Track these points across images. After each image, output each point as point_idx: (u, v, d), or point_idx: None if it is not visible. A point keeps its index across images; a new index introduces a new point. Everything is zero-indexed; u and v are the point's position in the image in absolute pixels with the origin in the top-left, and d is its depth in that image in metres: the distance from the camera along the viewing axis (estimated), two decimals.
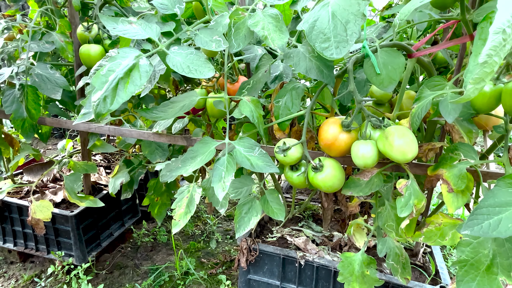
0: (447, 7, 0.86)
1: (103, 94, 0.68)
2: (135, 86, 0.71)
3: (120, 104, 0.68)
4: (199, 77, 0.75)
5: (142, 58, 0.75)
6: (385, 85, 0.78)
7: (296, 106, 0.88)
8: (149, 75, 0.71)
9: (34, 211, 1.37)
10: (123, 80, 0.71)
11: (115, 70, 0.71)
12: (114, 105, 0.69)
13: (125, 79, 0.71)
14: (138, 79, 0.72)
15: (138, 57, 0.74)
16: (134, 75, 0.72)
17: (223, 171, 0.82)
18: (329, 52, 0.71)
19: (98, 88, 0.69)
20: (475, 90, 0.48)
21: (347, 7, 0.72)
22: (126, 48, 0.74)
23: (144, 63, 0.74)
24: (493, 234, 0.61)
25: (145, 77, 0.73)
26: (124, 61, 0.73)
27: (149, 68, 0.74)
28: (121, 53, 0.74)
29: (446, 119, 0.71)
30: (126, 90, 0.70)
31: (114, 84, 0.69)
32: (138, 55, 0.74)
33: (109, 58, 0.73)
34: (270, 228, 1.53)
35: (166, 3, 0.86)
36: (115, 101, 0.69)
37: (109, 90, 0.69)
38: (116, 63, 0.72)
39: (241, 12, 0.87)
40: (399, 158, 0.73)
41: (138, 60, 0.74)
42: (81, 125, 1.32)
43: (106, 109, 0.68)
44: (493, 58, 0.47)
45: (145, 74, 0.73)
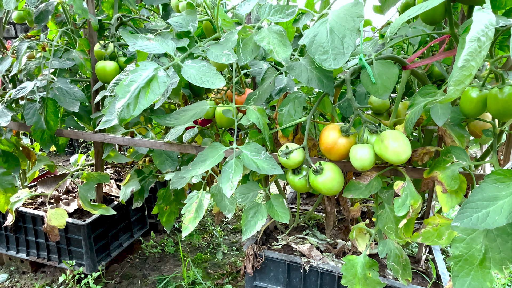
0: (437, 22, 0.94)
1: (126, 102, 0.75)
2: (155, 95, 0.79)
3: (142, 110, 0.75)
4: (211, 87, 0.83)
5: (160, 70, 0.83)
6: (380, 93, 0.85)
7: (298, 113, 0.95)
8: (166, 85, 0.79)
9: (49, 219, 1.43)
10: (144, 89, 0.79)
11: (137, 81, 0.79)
12: (136, 111, 0.77)
13: (146, 88, 0.79)
14: (157, 88, 0.80)
15: (157, 69, 0.82)
16: (154, 85, 0.80)
17: (231, 173, 0.89)
18: (328, 63, 0.78)
19: (121, 96, 0.77)
20: (456, 91, 0.55)
21: (344, 23, 0.81)
22: (146, 61, 0.82)
23: (162, 74, 0.82)
24: (481, 225, 0.66)
25: (163, 87, 0.81)
26: (144, 72, 0.81)
27: (167, 79, 0.82)
28: (142, 65, 0.82)
29: (437, 122, 0.78)
30: (147, 98, 0.78)
31: (136, 93, 0.77)
32: (156, 67, 0.83)
33: (130, 70, 0.81)
34: (275, 237, 1.58)
35: (181, 22, 0.95)
36: (137, 108, 0.77)
37: (132, 98, 0.76)
38: (137, 74, 0.80)
39: (248, 29, 0.95)
40: (393, 159, 0.79)
41: (157, 72, 0.82)
42: (97, 136, 1.40)
43: (129, 114, 0.76)
44: (470, 62, 0.54)
45: (163, 84, 0.81)
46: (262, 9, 0.98)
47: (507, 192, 0.67)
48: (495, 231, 0.75)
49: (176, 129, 1.24)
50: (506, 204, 0.66)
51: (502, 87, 0.72)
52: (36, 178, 2.32)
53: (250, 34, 0.94)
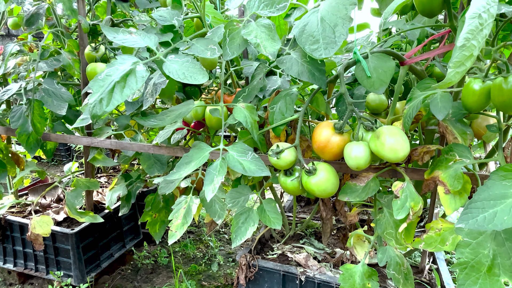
0: (435, 14, 0.89)
1: (99, 96, 0.70)
2: (131, 90, 0.74)
3: (115, 106, 0.70)
4: (193, 83, 0.77)
5: (140, 64, 0.78)
6: (376, 87, 0.80)
7: (290, 111, 0.90)
8: (144, 79, 0.74)
9: (34, 226, 1.37)
10: (119, 84, 0.74)
11: (113, 75, 0.74)
12: (110, 107, 0.71)
13: (122, 83, 0.74)
14: (134, 83, 0.75)
15: (136, 63, 0.77)
16: (131, 80, 0.75)
17: (215, 175, 0.83)
18: (318, 53, 0.73)
19: (95, 91, 0.72)
20: (456, 74, 0.49)
21: (336, 12, 0.76)
22: (125, 55, 0.78)
23: (141, 69, 0.77)
24: (488, 227, 0.59)
25: (141, 81, 0.75)
26: (121, 66, 0.76)
27: (146, 73, 0.77)
28: (119, 59, 0.77)
29: (437, 116, 0.72)
30: (122, 93, 0.73)
31: (110, 87, 0.72)
32: (135, 62, 0.78)
33: (107, 64, 0.76)
34: (271, 246, 1.50)
35: (165, 16, 0.91)
36: (110, 103, 0.71)
37: (105, 93, 0.71)
38: (114, 69, 0.75)
39: (236, 23, 0.91)
40: (390, 156, 0.73)
41: (135, 66, 0.77)
42: (84, 140, 1.35)
43: (101, 110, 0.70)
44: (471, 41, 0.48)
45: (141, 79, 0.76)
46: (251, 3, 0.93)
47: None
48: (504, 234, 0.68)
49: (164, 131, 1.18)
50: None
51: (507, 76, 0.67)
52: (28, 186, 2.26)
53: (238, 28, 0.90)
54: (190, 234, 2.40)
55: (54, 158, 4.15)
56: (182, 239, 2.32)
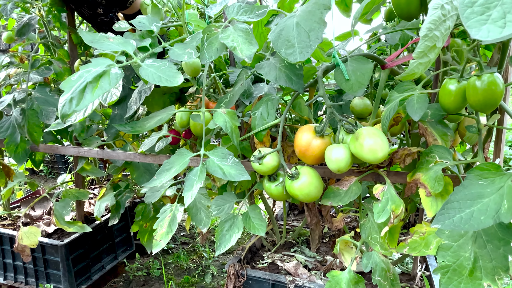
0: (413, 17, 0.89)
1: (70, 96, 0.70)
2: (103, 90, 0.73)
3: (86, 105, 0.69)
4: (168, 85, 0.77)
5: (115, 67, 0.77)
6: (355, 89, 0.79)
7: (271, 116, 0.89)
8: (118, 81, 0.73)
9: (21, 238, 1.35)
10: (91, 84, 0.73)
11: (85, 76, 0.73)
12: (80, 106, 0.70)
13: (94, 83, 0.73)
14: (107, 84, 0.74)
15: (110, 66, 0.77)
16: (104, 81, 0.74)
17: (195, 180, 0.82)
18: (294, 57, 0.73)
19: (66, 91, 0.71)
20: (418, 65, 0.49)
21: (311, 17, 0.76)
22: (100, 58, 0.77)
23: (116, 71, 0.76)
24: (465, 227, 0.58)
25: (114, 83, 0.74)
26: (95, 68, 0.75)
27: (120, 76, 0.76)
28: (94, 62, 0.77)
29: (413, 117, 0.71)
30: (94, 93, 0.72)
31: (81, 87, 0.71)
32: (110, 64, 0.77)
33: (81, 66, 0.76)
34: (261, 255, 1.48)
35: (144, 22, 0.92)
36: (81, 103, 0.70)
37: (76, 93, 0.71)
38: (87, 70, 0.75)
39: (214, 28, 0.91)
40: (370, 157, 0.72)
41: (110, 68, 0.76)
42: (71, 150, 1.35)
43: (71, 110, 0.69)
44: (434, 32, 0.48)
45: (114, 80, 0.75)
46: (230, 9, 0.94)
47: (493, 188, 0.59)
48: (485, 236, 0.67)
49: (149, 139, 1.18)
50: (492, 203, 0.58)
51: (480, 75, 0.66)
52: (21, 198, 2.25)
53: (216, 33, 0.90)
54: (184, 245, 2.37)
55: (52, 170, 4.15)
56: (175, 250, 2.29)
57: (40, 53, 1.74)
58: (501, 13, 0.34)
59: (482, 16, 0.34)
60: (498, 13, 0.34)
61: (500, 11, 0.34)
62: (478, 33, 0.34)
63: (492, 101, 0.66)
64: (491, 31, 0.34)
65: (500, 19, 0.34)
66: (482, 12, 0.35)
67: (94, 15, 1.24)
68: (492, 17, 0.34)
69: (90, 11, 1.22)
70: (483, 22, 0.34)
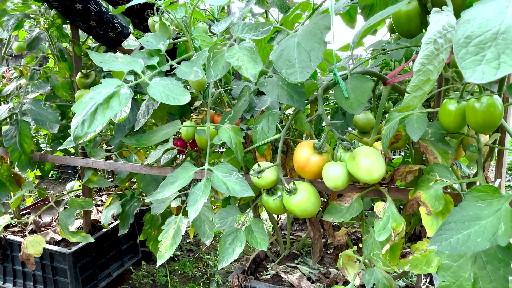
0: (414, 35, 0.90)
1: (82, 118, 0.73)
2: (113, 111, 0.76)
3: (98, 127, 0.72)
4: (176, 104, 0.79)
5: (124, 87, 0.80)
6: (354, 107, 0.81)
7: (272, 130, 0.91)
8: (128, 101, 0.76)
9: (26, 246, 1.38)
10: (102, 106, 0.76)
11: (95, 97, 0.76)
12: (92, 128, 0.73)
13: (104, 105, 0.76)
14: (117, 105, 0.77)
15: (120, 86, 0.80)
16: (114, 102, 0.77)
17: (199, 195, 0.83)
18: (294, 77, 0.75)
19: (78, 113, 0.74)
20: (413, 98, 0.50)
21: (311, 37, 0.78)
22: (109, 79, 0.80)
23: (125, 91, 0.79)
24: (462, 249, 0.58)
25: (124, 103, 0.77)
26: (105, 89, 0.78)
27: (130, 96, 0.79)
28: (104, 82, 0.80)
29: (412, 137, 0.72)
30: (104, 115, 0.75)
31: (93, 109, 0.74)
32: (119, 85, 0.80)
33: (92, 88, 0.79)
34: (265, 266, 1.48)
35: (152, 41, 0.94)
36: (92, 125, 0.73)
37: (88, 115, 0.73)
38: (97, 92, 0.78)
39: (220, 47, 0.94)
40: (366, 178, 0.73)
41: (119, 89, 0.79)
42: (79, 161, 1.38)
43: (83, 132, 0.72)
44: (427, 66, 0.49)
45: (124, 100, 0.78)
46: (235, 27, 0.96)
47: (490, 211, 0.60)
48: (484, 257, 0.67)
49: (156, 151, 1.20)
50: (489, 225, 0.59)
51: (479, 97, 0.67)
52: (31, 205, 2.30)
53: (222, 51, 0.92)
54: (189, 253, 2.39)
55: (62, 175, 4.22)
56: (181, 258, 2.31)
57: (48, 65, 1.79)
58: (495, 54, 0.35)
59: (477, 56, 0.35)
60: (492, 54, 0.35)
61: (494, 51, 0.35)
62: (472, 74, 0.35)
63: (491, 123, 0.67)
64: (485, 72, 0.34)
65: (494, 60, 0.35)
66: (476, 53, 0.36)
67: (88, 27, 1.29)
68: (486, 57, 0.35)
69: (84, 24, 1.27)
70: (478, 63, 0.35)
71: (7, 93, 1.43)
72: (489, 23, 0.36)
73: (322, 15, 0.81)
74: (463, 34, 0.37)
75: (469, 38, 0.36)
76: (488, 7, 0.38)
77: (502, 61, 0.34)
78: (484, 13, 0.37)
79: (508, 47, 0.34)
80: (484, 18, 0.36)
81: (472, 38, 0.36)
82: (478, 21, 0.37)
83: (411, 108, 0.52)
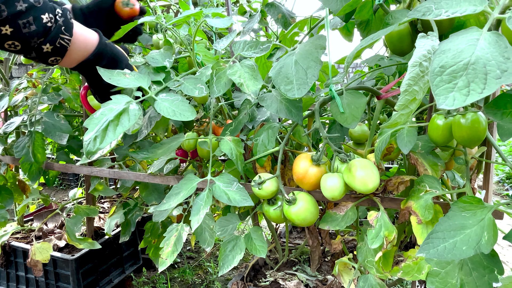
0: (406, 53, 0.95)
1: (94, 135, 0.77)
2: (124, 128, 0.80)
3: (109, 143, 0.76)
4: (182, 120, 0.84)
5: (132, 103, 0.85)
6: (349, 122, 0.85)
7: (271, 143, 0.96)
8: (137, 117, 0.81)
9: (34, 253, 1.42)
10: (113, 123, 0.80)
11: (107, 114, 0.81)
12: (103, 144, 0.78)
13: (115, 121, 0.81)
14: (127, 121, 0.81)
15: (129, 103, 0.85)
16: (124, 118, 0.82)
17: (201, 205, 0.88)
18: (292, 93, 0.80)
19: (90, 129, 0.79)
20: (401, 116, 0.55)
21: (308, 55, 0.83)
22: (119, 95, 0.85)
23: (134, 107, 0.84)
24: (448, 256, 0.63)
25: (134, 119, 0.82)
26: (116, 106, 0.83)
27: (138, 112, 0.84)
28: (114, 99, 0.85)
29: (402, 150, 0.77)
30: (115, 131, 0.79)
31: (104, 126, 0.79)
32: (129, 101, 0.85)
33: (102, 104, 0.84)
34: (264, 273, 1.52)
35: (157, 58, 1.00)
36: (104, 141, 0.78)
37: (100, 131, 0.78)
38: (108, 108, 0.82)
39: (222, 64, 0.99)
40: (361, 188, 0.78)
41: (129, 106, 0.84)
42: (84, 169, 1.42)
43: (95, 147, 0.77)
44: (413, 87, 0.54)
45: (133, 117, 0.82)
46: (236, 45, 1.02)
47: (474, 220, 0.64)
48: (471, 264, 0.71)
49: (158, 161, 1.25)
50: (473, 234, 0.63)
51: (465, 113, 0.72)
52: (34, 212, 2.33)
53: (224, 68, 0.98)
54: (189, 260, 2.42)
55: (63, 182, 4.25)
56: (181, 265, 2.34)
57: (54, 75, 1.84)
58: (465, 82, 0.40)
59: (450, 84, 0.40)
60: (463, 82, 0.40)
61: (465, 80, 0.40)
62: (444, 101, 0.39)
63: (475, 137, 0.72)
64: (456, 99, 0.39)
65: (465, 87, 0.40)
66: (449, 81, 0.40)
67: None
68: (458, 85, 0.40)
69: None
70: (450, 90, 0.40)
71: (15, 104, 1.48)
72: (461, 55, 0.41)
73: (318, 35, 0.86)
74: (438, 64, 0.41)
75: (443, 67, 0.41)
76: (462, 39, 0.43)
77: (472, 88, 0.39)
78: (458, 45, 0.42)
79: (477, 77, 0.39)
80: (457, 49, 0.41)
81: (446, 67, 0.41)
82: (452, 52, 0.42)
83: (399, 124, 0.56)
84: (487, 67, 0.39)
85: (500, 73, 0.38)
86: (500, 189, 3.96)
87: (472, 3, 0.47)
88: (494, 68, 0.39)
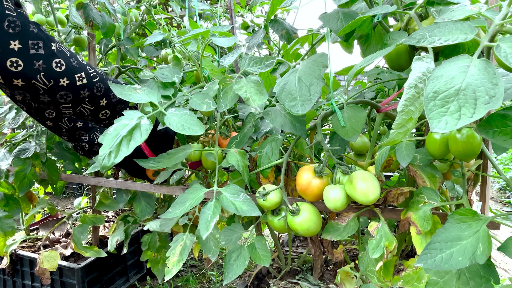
0: (404, 68, 1.00)
1: (108, 150, 0.81)
2: (136, 142, 0.84)
3: (122, 158, 0.80)
4: (191, 134, 0.88)
5: (144, 118, 0.89)
6: (350, 135, 0.89)
7: (275, 155, 0.99)
8: (149, 132, 0.85)
9: (42, 261, 1.45)
10: (126, 138, 0.84)
11: (120, 130, 0.85)
12: (117, 158, 0.82)
13: (128, 136, 0.85)
14: (139, 136, 0.85)
15: (140, 118, 0.89)
16: (136, 133, 0.86)
17: (210, 215, 0.91)
18: (296, 109, 0.84)
19: (105, 145, 0.82)
20: (398, 134, 0.58)
21: (311, 73, 0.87)
22: (130, 111, 0.89)
23: (145, 122, 0.88)
24: (445, 267, 0.66)
25: (145, 134, 0.86)
26: (128, 121, 0.87)
27: (150, 126, 0.88)
28: (126, 115, 0.89)
29: (401, 163, 0.80)
30: (128, 146, 0.83)
31: (118, 141, 0.83)
32: (140, 116, 0.89)
33: (116, 119, 0.88)
34: (267, 281, 1.54)
35: (167, 73, 1.04)
36: (118, 156, 0.82)
37: (114, 146, 0.82)
38: (121, 124, 0.86)
39: (228, 79, 1.03)
40: (362, 199, 0.81)
41: (140, 121, 0.88)
42: (92, 180, 1.46)
43: (110, 162, 0.81)
44: (409, 107, 0.58)
45: (145, 132, 0.86)
46: (242, 61, 1.06)
47: (470, 232, 0.68)
48: (468, 273, 0.74)
49: (164, 172, 1.28)
50: (469, 245, 0.66)
51: (460, 129, 0.75)
52: (39, 221, 2.37)
53: (231, 84, 1.02)
54: (192, 268, 2.43)
55: (66, 191, 4.29)
56: (184, 273, 2.36)
57: None
58: (457, 107, 0.44)
59: (442, 108, 0.44)
60: (454, 107, 0.44)
61: (457, 105, 0.44)
62: (437, 124, 0.43)
63: (470, 152, 0.75)
64: (448, 122, 0.43)
65: (456, 112, 0.43)
66: (442, 105, 0.44)
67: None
68: (450, 110, 0.44)
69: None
70: (443, 114, 0.43)
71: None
72: (453, 81, 0.44)
73: (320, 54, 0.91)
74: (432, 89, 0.45)
75: (436, 93, 0.45)
76: (454, 66, 0.47)
77: (463, 113, 0.42)
78: (450, 72, 0.46)
79: (467, 102, 0.42)
80: (449, 76, 0.45)
81: (439, 93, 0.44)
82: (444, 78, 0.45)
83: (397, 142, 0.60)
84: (476, 93, 0.42)
85: (489, 99, 0.42)
86: (502, 196, 3.98)
87: (463, 31, 0.51)
88: (483, 94, 0.42)
